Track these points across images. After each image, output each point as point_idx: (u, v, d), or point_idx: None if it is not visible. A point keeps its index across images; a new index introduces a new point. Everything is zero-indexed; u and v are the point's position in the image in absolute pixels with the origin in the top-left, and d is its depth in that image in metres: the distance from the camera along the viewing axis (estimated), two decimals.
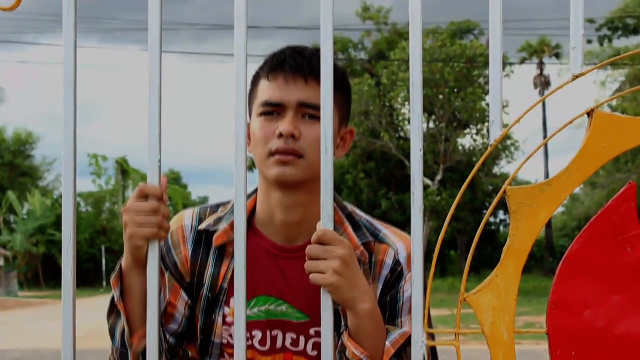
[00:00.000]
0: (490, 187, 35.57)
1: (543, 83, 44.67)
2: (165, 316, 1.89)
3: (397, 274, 1.91)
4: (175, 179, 75.05)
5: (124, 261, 1.72)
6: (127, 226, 1.61)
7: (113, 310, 1.79)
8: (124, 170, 51.85)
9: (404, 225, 35.89)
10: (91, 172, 51.36)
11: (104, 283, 42.33)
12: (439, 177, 32.78)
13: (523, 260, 1.38)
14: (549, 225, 46.53)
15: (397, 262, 1.92)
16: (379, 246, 1.93)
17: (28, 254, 41.57)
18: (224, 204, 2.02)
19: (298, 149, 1.82)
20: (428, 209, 30.78)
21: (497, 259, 1.40)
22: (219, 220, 1.96)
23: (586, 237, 1.38)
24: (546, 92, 1.52)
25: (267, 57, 1.94)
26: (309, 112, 1.84)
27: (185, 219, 1.99)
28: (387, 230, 1.97)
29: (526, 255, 1.38)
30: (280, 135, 1.82)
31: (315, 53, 1.87)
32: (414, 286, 1.40)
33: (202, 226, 1.96)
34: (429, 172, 32.13)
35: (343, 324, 1.74)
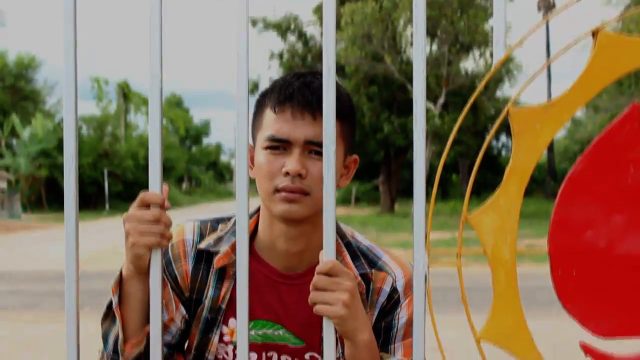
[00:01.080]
0: (493, 111, 35.44)
1: (547, 6, 44.21)
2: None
3: (393, 301, 1.95)
4: (177, 103, 74.86)
5: (124, 269, 1.73)
6: (129, 235, 1.61)
7: (108, 316, 1.80)
8: (125, 94, 51.67)
9: (406, 149, 35.87)
10: (93, 95, 51.28)
11: (107, 206, 42.51)
12: (441, 101, 32.62)
13: (525, 180, 1.38)
14: (550, 148, 46.55)
15: (394, 290, 1.95)
16: (377, 274, 1.95)
17: (31, 177, 41.66)
18: (223, 221, 2.02)
19: (304, 187, 1.81)
20: (430, 132, 30.72)
21: (498, 183, 1.40)
22: (219, 240, 1.96)
23: (589, 157, 1.37)
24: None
25: (274, 83, 1.91)
26: (316, 149, 1.82)
27: (187, 232, 1.99)
28: (386, 257, 1.99)
29: (528, 176, 1.38)
30: (287, 174, 1.81)
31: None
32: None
33: (203, 245, 1.96)
34: (431, 96, 31.98)
35: (340, 351, 1.76)
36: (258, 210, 1.97)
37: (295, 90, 1.83)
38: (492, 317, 1.40)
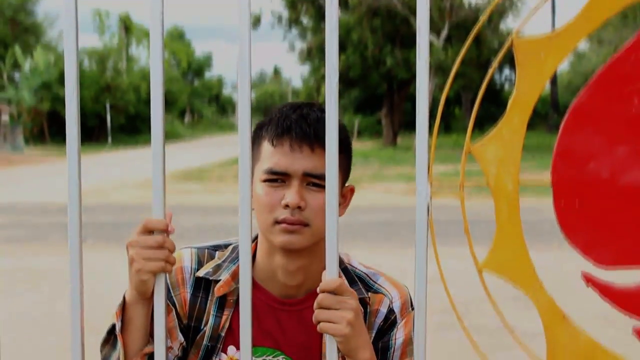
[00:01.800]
0: (496, 44, 35.21)
1: None
2: None
3: (390, 322, 1.97)
4: (179, 36, 74.30)
5: (128, 294, 1.73)
6: (133, 261, 1.62)
7: (109, 340, 1.81)
8: (126, 26, 51.29)
9: (409, 82, 35.72)
10: (95, 28, 50.92)
11: (109, 139, 42.50)
12: (444, 34, 32.39)
13: (528, 111, 1.37)
14: (553, 81, 46.33)
15: (390, 310, 1.97)
16: (373, 296, 1.97)
17: (33, 110, 41.55)
18: (220, 248, 2.03)
19: (304, 219, 1.83)
20: (433, 65, 30.56)
21: (501, 116, 1.39)
22: (218, 269, 1.97)
23: (593, 88, 1.36)
24: None
25: (270, 115, 1.91)
26: (314, 181, 1.83)
27: (185, 260, 1.99)
28: (382, 279, 2.01)
29: (532, 107, 1.37)
30: (287, 206, 1.81)
31: (320, 118, 1.85)
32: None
33: (201, 273, 1.96)
34: (434, 29, 31.73)
35: None
36: (256, 238, 1.98)
37: (292, 122, 1.84)
38: (495, 247, 1.41)
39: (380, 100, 39.64)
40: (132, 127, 45.49)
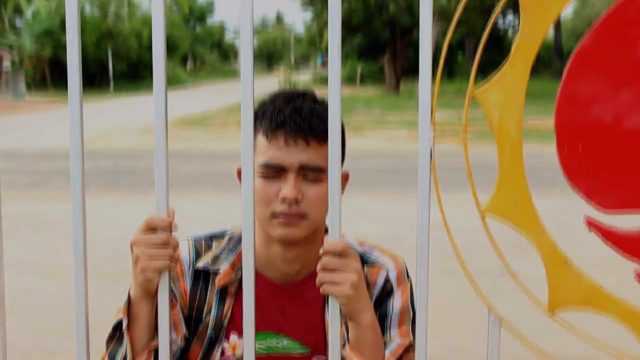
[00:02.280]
0: None
1: None
2: None
3: (386, 291, 1.98)
4: None
5: (132, 291, 1.74)
6: (138, 260, 1.62)
7: (114, 337, 1.81)
8: None
9: (412, 29, 35.50)
10: None
11: (111, 85, 42.39)
12: None
13: (532, 56, 1.36)
14: (557, 28, 46.01)
15: (387, 280, 1.99)
16: (369, 269, 1.98)
17: (35, 56, 41.39)
18: (216, 237, 2.03)
19: (301, 211, 1.84)
20: (436, 11, 30.32)
21: (504, 61, 1.39)
22: (217, 259, 1.98)
23: (598, 32, 1.35)
24: None
25: (263, 108, 1.90)
26: (310, 173, 1.84)
27: (182, 251, 1.98)
28: (376, 252, 2.03)
29: (536, 52, 1.36)
30: (284, 199, 1.82)
31: (314, 109, 1.86)
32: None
33: (200, 264, 1.97)
34: None
35: (345, 336, 1.77)
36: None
37: (286, 117, 1.84)
38: (497, 191, 1.41)
39: (383, 47, 39.43)
40: (134, 74, 45.34)
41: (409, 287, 2.00)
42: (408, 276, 2.02)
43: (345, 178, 1.95)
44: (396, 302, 1.97)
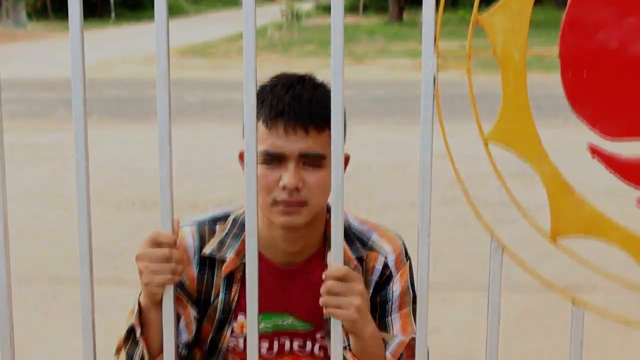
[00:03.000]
0: None
1: None
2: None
3: (385, 276, 2.01)
4: None
5: (142, 300, 1.78)
6: (142, 274, 1.66)
7: (129, 339, 1.85)
8: None
9: None
10: None
11: (113, 15, 42.06)
12: None
13: None
14: None
15: (385, 266, 2.01)
16: (369, 254, 2.01)
17: None
18: (219, 220, 2.04)
19: (302, 198, 1.85)
20: None
21: None
22: (222, 245, 1.99)
23: None
24: None
25: (263, 96, 1.89)
26: (310, 160, 1.84)
27: (186, 238, 2.00)
28: (375, 236, 2.04)
29: None
30: (284, 188, 1.83)
31: (313, 97, 1.86)
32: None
33: (207, 251, 1.99)
34: None
35: (346, 342, 1.80)
36: None
37: (286, 105, 1.85)
38: (501, 118, 1.40)
39: None
40: (135, 3, 44.92)
41: (407, 268, 2.04)
42: (407, 256, 2.05)
43: (346, 160, 1.97)
44: (396, 287, 2.01)
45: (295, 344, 2.05)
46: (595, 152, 1.39)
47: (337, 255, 1.54)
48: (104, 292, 3.95)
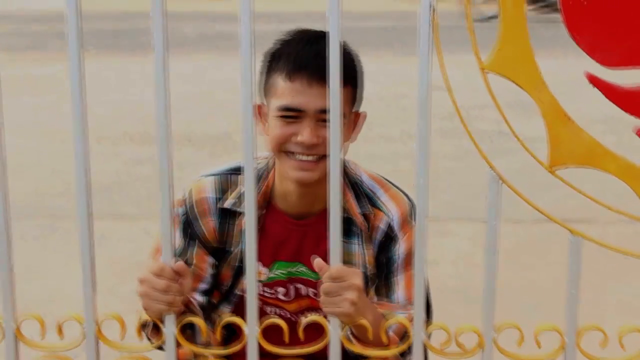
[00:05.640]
0: None
1: None
2: (194, 278, 1.99)
3: (390, 238, 2.02)
4: None
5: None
6: (142, 298, 1.67)
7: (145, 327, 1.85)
8: None
9: None
10: None
11: None
12: None
13: None
14: None
15: (390, 228, 2.02)
16: (376, 212, 2.02)
17: None
18: (240, 171, 2.02)
19: (318, 154, 1.85)
20: None
21: None
22: (241, 199, 1.97)
23: None
24: None
25: (282, 49, 1.90)
26: (327, 117, 1.78)
27: (208, 190, 2.03)
28: (385, 197, 2.04)
29: None
30: (301, 144, 1.84)
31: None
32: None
33: (226, 204, 2.01)
34: None
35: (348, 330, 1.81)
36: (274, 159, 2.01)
37: (308, 59, 1.84)
38: (499, 46, 1.38)
39: None
40: None
41: (414, 230, 2.04)
42: (413, 216, 2.05)
43: (363, 118, 2.01)
44: (401, 249, 2.03)
45: (310, 292, 2.08)
46: (593, 80, 1.38)
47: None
48: (102, 226, 3.97)
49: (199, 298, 2.02)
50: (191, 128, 7.22)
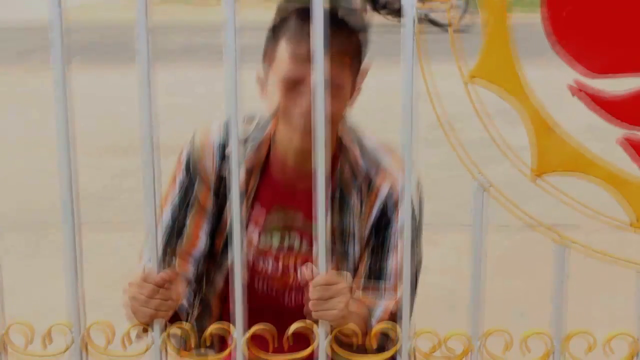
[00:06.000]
0: None
1: None
2: (187, 246, 2.04)
3: (385, 220, 2.04)
4: None
5: None
6: (130, 301, 1.71)
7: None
8: None
9: None
10: None
11: None
12: None
13: None
14: None
15: (384, 209, 2.04)
16: (378, 172, 2.04)
17: None
18: (247, 118, 2.07)
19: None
20: None
21: None
22: (244, 143, 2.02)
23: None
24: None
25: (285, 19, 1.91)
26: (329, 91, 1.78)
27: (213, 134, 2.05)
28: (391, 160, 2.06)
29: None
30: (302, 115, 1.85)
31: (340, 22, 1.86)
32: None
33: (228, 150, 1.95)
34: None
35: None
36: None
37: (309, 30, 1.81)
38: (482, 56, 1.39)
39: None
40: None
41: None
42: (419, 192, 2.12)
43: (366, 73, 2.03)
44: (394, 230, 2.05)
45: (305, 244, 2.08)
46: (577, 90, 1.38)
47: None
48: (88, 238, 3.95)
49: (190, 268, 2.04)
50: (175, 140, 7.20)
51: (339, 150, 2.03)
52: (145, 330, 1.73)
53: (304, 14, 1.86)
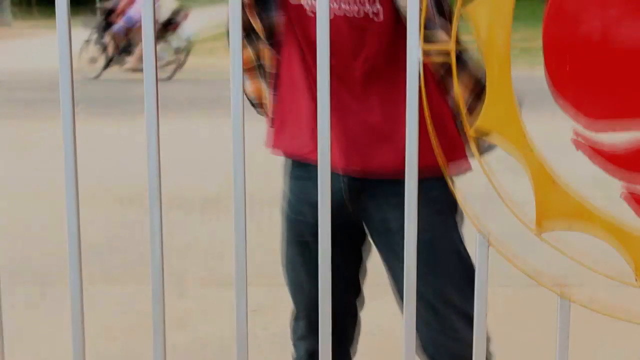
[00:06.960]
0: None
1: None
2: None
3: None
4: None
5: None
6: None
7: None
8: None
9: None
10: None
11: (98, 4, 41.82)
12: None
13: None
14: None
15: None
16: None
17: None
18: None
19: None
20: None
21: None
22: None
23: None
24: None
25: None
26: None
27: None
28: None
29: None
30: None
31: None
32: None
33: None
34: None
35: None
36: None
37: None
38: (485, 110, 1.40)
39: None
40: None
41: None
42: None
43: None
44: None
45: None
46: (579, 143, 1.39)
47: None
48: (93, 290, 3.95)
49: None
50: (181, 191, 7.20)
51: None
52: None
53: None
